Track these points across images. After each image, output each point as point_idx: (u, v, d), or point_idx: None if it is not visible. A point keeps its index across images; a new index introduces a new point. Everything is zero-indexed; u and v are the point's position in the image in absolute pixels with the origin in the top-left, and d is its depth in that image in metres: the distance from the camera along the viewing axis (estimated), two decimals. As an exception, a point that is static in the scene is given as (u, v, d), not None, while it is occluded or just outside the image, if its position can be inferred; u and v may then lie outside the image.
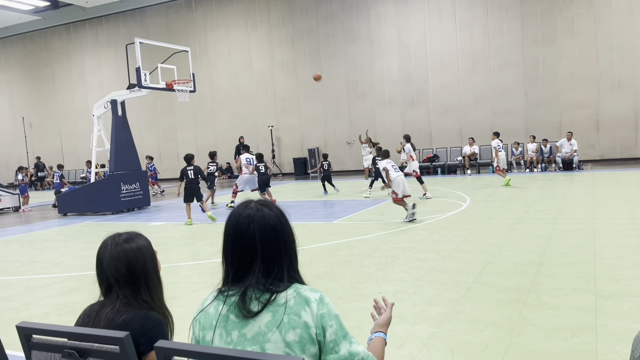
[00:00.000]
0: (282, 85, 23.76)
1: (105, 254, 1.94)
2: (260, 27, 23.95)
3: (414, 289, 5.26)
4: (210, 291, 1.76)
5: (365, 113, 22.22)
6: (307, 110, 23.37)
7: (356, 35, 22.09)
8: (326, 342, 1.59)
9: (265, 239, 1.67)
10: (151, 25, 25.99)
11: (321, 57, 22.81)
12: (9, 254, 8.90)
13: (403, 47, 21.39)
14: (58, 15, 27.89)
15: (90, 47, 27.91)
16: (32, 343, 1.67)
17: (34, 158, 28.41)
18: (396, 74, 21.58)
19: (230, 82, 24.83)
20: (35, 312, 5.32)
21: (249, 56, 24.32)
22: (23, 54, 30.04)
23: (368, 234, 8.47)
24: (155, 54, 15.95)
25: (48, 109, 29.53)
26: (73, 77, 28.64)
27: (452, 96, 20.80)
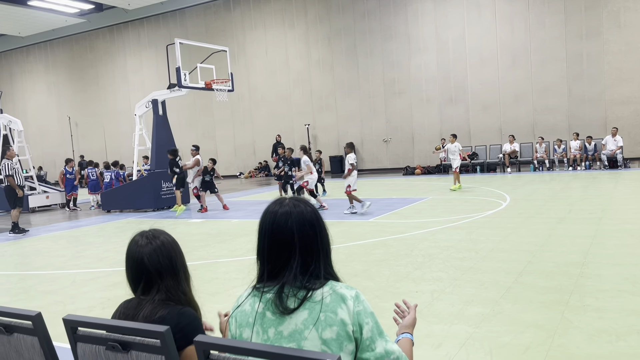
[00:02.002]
0: (318, 84, 23.81)
1: (144, 251, 1.97)
2: (297, 25, 24.05)
3: (451, 288, 5.19)
4: (247, 288, 1.78)
5: (402, 111, 22.03)
6: (344, 108, 23.34)
7: (393, 32, 21.91)
8: (363, 340, 1.59)
9: (304, 235, 1.67)
10: (190, 25, 26.47)
11: (358, 55, 22.73)
12: (56, 249, 9.25)
13: (441, 44, 21.09)
14: (102, 18, 28.74)
15: (132, 48, 28.65)
16: (78, 335, 1.73)
17: (78, 156, 29.40)
18: (434, 70, 21.30)
19: (267, 81, 25.04)
20: (81, 306, 5.51)
21: (286, 55, 24.47)
22: (69, 56, 31.10)
23: (405, 232, 8.40)
24: (195, 54, 16.25)
25: (92, 108, 30.49)
26: (116, 78, 29.47)
27: (491, 93, 20.38)
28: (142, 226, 11.17)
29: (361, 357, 1.61)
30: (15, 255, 9.04)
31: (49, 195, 17.01)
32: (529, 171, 18.30)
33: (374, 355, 1.60)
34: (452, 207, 10.98)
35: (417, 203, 11.93)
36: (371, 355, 1.60)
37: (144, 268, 1.97)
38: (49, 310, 5.45)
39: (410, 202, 12.16)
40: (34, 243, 10.09)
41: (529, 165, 18.68)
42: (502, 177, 17.23)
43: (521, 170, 18.69)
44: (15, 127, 17.26)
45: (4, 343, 1.86)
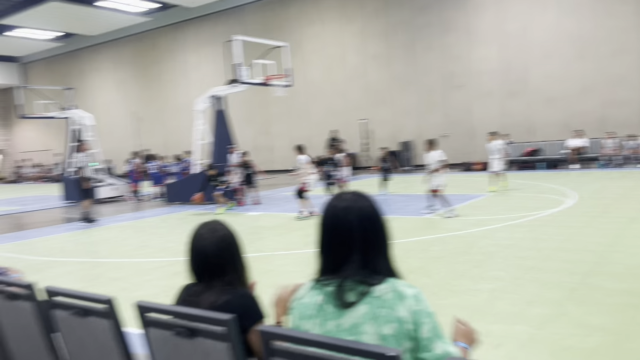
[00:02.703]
0: (375, 78, 23.64)
1: (206, 243, 2.06)
2: (355, 20, 23.96)
3: (512, 287, 5.05)
4: (304, 281, 1.81)
5: (461, 105, 21.52)
6: (400, 103, 23.07)
7: (453, 25, 21.41)
8: (421, 339, 1.58)
9: (364, 230, 1.67)
10: (249, 22, 26.93)
11: (416, 49, 22.38)
12: (123, 238, 9.70)
13: (503, 36, 20.40)
14: (165, 16, 29.73)
15: (192, 45, 29.48)
16: (148, 320, 1.82)
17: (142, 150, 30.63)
18: (495, 63, 20.65)
19: (324, 76, 25.12)
20: (145, 293, 5.75)
21: (343, 50, 24.43)
22: (134, 54, 32.39)
23: (463, 229, 8.23)
24: (253, 51, 16.49)
25: (155, 104, 31.66)
26: (177, 74, 30.44)
27: (556, 86, 19.53)
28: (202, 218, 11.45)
29: (419, 357, 1.60)
30: (86, 243, 9.56)
31: (116, 187, 17.82)
32: (596, 168, 17.45)
33: (433, 357, 1.58)
34: (513, 204, 10.64)
35: (476, 200, 11.65)
36: (429, 356, 1.58)
37: (205, 259, 2.05)
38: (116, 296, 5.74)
39: (469, 198, 11.88)
40: (103, 232, 10.63)
41: (596, 161, 17.80)
42: (566, 174, 16.53)
43: (588, 167, 17.85)
44: (87, 122, 18.17)
45: (80, 325, 1.98)
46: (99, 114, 33.35)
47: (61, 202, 17.51)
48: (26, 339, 2.22)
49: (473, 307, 4.55)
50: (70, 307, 2.01)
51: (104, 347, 1.95)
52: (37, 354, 2.21)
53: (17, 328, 2.25)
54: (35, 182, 35.10)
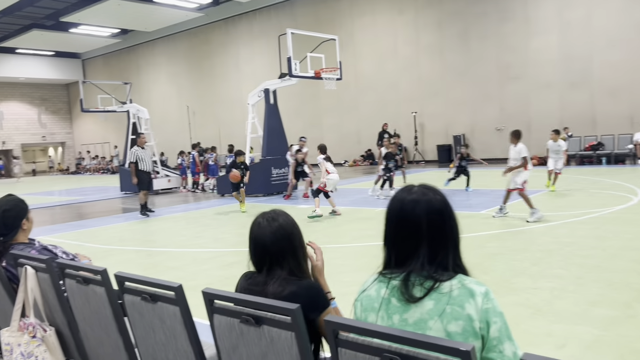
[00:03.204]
0: (427, 70, 23.22)
1: (266, 232, 2.08)
2: (407, 11, 23.59)
3: (574, 287, 4.85)
4: (355, 274, 1.80)
5: (518, 97, 20.82)
6: (454, 95, 22.57)
7: (510, 14, 20.71)
8: (490, 339, 1.54)
9: (432, 224, 1.64)
10: (300, 15, 27.01)
11: (470, 39, 21.81)
12: (177, 229, 9.97)
13: (564, 25, 19.56)
14: (218, 11, 30.28)
15: (245, 40, 29.89)
16: (215, 307, 1.84)
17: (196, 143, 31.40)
18: (555, 53, 19.83)
19: (375, 68, 24.90)
20: (201, 282, 5.89)
21: (395, 41, 24.13)
22: (188, 48, 33.19)
23: (520, 226, 7.98)
24: (304, 44, 16.55)
25: (208, 98, 32.35)
26: (229, 68, 30.96)
27: (621, 77, 18.55)
28: (254, 210, 11.67)
29: (487, 357, 1.55)
30: (143, 232, 9.89)
31: (170, 179, 18.35)
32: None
33: (502, 358, 1.53)
34: (574, 200, 10.22)
35: (534, 195, 11.25)
36: (499, 357, 1.53)
37: (266, 249, 2.06)
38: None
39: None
40: (159, 223, 10.97)
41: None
42: (632, 169, 15.72)
43: (654, 162, 16.92)
44: (143, 115, 18.78)
45: (149, 310, 2.04)
46: (153, 107, 34.46)
47: (119, 193, 18.21)
48: (97, 322, 2.30)
49: (533, 305, 4.40)
50: (139, 292, 2.07)
51: (171, 332, 1.99)
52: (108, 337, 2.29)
53: (89, 311, 2.34)
54: (94, 174, 36.69)
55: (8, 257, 2.90)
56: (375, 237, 7.67)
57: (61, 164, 43.97)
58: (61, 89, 43.92)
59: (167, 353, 2.06)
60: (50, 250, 2.98)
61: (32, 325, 2.61)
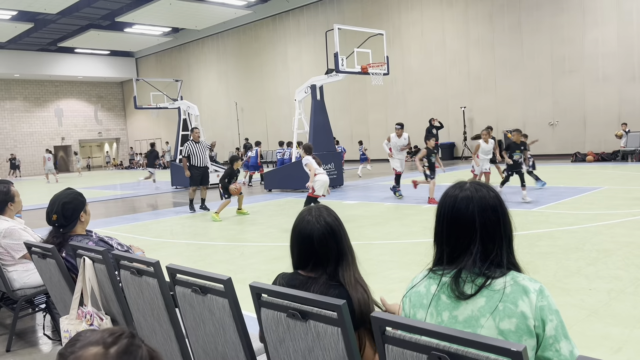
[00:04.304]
0: (477, 64, 22.68)
1: (313, 229, 1.99)
2: (456, 3, 23.10)
3: (633, 288, 4.63)
4: (402, 271, 1.78)
5: (573, 91, 20.04)
6: (504, 90, 21.96)
7: (565, 5, 19.93)
8: (545, 337, 1.50)
9: (485, 221, 1.62)
10: (347, 11, 26.93)
11: (522, 32, 21.14)
12: (226, 224, 10.17)
13: (624, 14, 18.64)
14: (266, 8, 30.59)
15: (292, 36, 30.08)
16: (262, 301, 1.87)
17: (243, 139, 31.91)
18: (614, 45, 18.94)
19: (422, 63, 24.54)
20: (249, 275, 5.99)
21: (443, 35, 23.69)
22: (237, 45, 33.72)
23: (575, 224, 7.69)
24: (350, 39, 16.50)
25: (256, 94, 32.78)
26: (277, 65, 31.24)
27: (686, 68, 17.54)
28: (299, 205, 11.76)
29: (543, 356, 1.52)
30: (193, 226, 10.14)
31: (219, 174, 18.71)
32: None
33: (559, 356, 1.50)
34: (633, 198, 9.76)
35: (589, 193, 10.82)
36: (555, 355, 1.50)
37: (312, 248, 1.99)
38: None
39: (581, 191, 11.08)
40: (207, 217, 11.21)
41: None
42: (696, 166, 14.87)
43: None
44: (193, 112, 19.23)
45: (199, 302, 2.09)
46: (203, 104, 35.28)
47: (170, 188, 18.73)
48: (150, 312, 2.38)
49: (589, 307, 4.23)
50: (190, 284, 2.12)
51: (220, 323, 2.03)
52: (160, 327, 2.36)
53: (142, 302, 2.42)
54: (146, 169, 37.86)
55: (67, 248, 3.04)
56: (418, 233, 7.57)
57: (115, 159, 45.67)
58: (116, 87, 45.56)
59: (216, 344, 2.11)
60: (107, 242, 3.10)
61: (89, 313, 2.73)
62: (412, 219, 9.18)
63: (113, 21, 31.05)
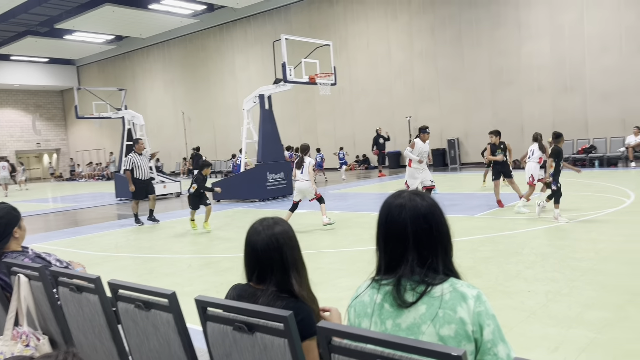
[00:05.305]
0: (421, 75, 23.33)
1: (258, 240, 1.98)
2: (400, 16, 23.71)
3: (568, 290, 4.87)
4: (351, 279, 1.80)
5: (510, 101, 20.93)
6: (447, 100, 22.67)
7: (502, 19, 20.85)
8: (483, 342, 1.54)
9: (417, 228, 1.64)
10: (294, 21, 27.10)
11: (463, 45, 21.94)
12: (174, 235, 9.95)
13: (556, 29, 19.70)
14: (213, 17, 30.33)
15: (240, 46, 29.94)
16: (207, 315, 1.85)
17: (191, 149, 31.38)
18: (547, 58, 19.97)
19: (368, 73, 24.99)
20: (197, 288, 5.88)
21: (388, 47, 24.23)
22: (183, 55, 33.21)
23: (515, 229, 8.01)
24: (298, 49, 16.60)
25: (203, 104, 32.35)
26: (225, 74, 30.99)
27: (613, 81, 18.69)
28: (248, 216, 11.66)
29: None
30: (138, 239, 9.86)
31: (166, 184, 18.31)
32: (657, 166, 16.62)
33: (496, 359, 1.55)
34: (568, 204, 10.26)
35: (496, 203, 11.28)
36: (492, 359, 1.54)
37: (257, 258, 1.98)
38: (169, 291, 5.90)
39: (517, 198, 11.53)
40: (154, 229, 10.93)
41: (656, 159, 16.98)
42: (624, 172, 15.81)
43: (647, 165, 17.03)
44: (138, 121, 18.75)
45: (143, 318, 2.04)
46: (148, 114, 34.46)
47: (115, 200, 18.16)
48: (91, 330, 2.30)
49: (528, 309, 4.41)
50: (133, 300, 2.07)
51: (165, 339, 1.99)
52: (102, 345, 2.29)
53: (83, 319, 2.34)
54: (89, 180, 36.55)
55: (1, 265, 2.89)
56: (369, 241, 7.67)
57: (56, 171, 43.82)
58: (56, 96, 43.83)
59: (161, 360, 2.06)
60: (44, 258, 2.97)
61: (25, 334, 2.60)
62: (362, 226, 9.29)
63: (52, 28, 29.90)
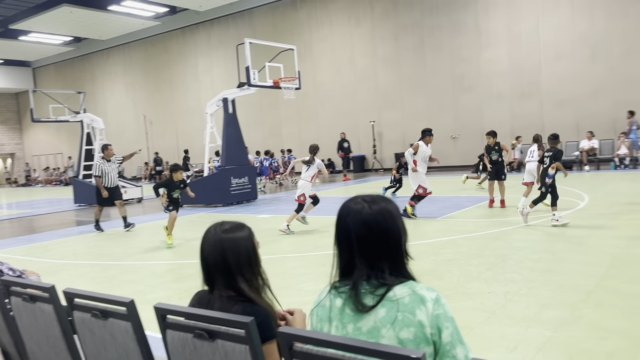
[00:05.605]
0: (384, 80, 23.61)
1: (206, 243, 1.97)
2: (364, 22, 23.96)
3: (526, 290, 5.01)
4: (316, 283, 1.81)
5: (471, 106, 21.43)
6: (410, 105, 23.02)
7: (463, 26, 21.34)
8: (442, 344, 1.56)
9: (359, 234, 1.65)
10: (259, 25, 27.02)
11: (425, 51, 22.33)
12: (136, 242, 9.74)
13: (513, 37, 20.30)
14: (175, 20, 29.92)
15: (203, 49, 29.63)
16: (167, 323, 1.82)
17: (153, 153, 30.82)
18: (505, 65, 20.55)
19: (333, 78, 25.13)
20: (159, 295, 5.77)
21: (352, 52, 24.44)
22: (145, 58, 32.62)
23: (475, 232, 8.19)
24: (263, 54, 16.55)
25: (166, 107, 31.84)
26: (188, 78, 30.60)
27: (568, 87, 19.39)
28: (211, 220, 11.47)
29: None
30: (98, 246, 9.61)
31: (127, 190, 17.91)
32: (609, 169, 17.28)
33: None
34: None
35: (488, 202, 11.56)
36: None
37: (205, 262, 1.96)
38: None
39: (480, 200, 11.82)
40: (114, 235, 10.68)
41: (609, 163, 17.66)
42: (579, 175, 16.38)
43: (600, 169, 17.69)
44: (97, 125, 18.30)
45: (100, 327, 1.99)
46: (109, 117, 33.70)
47: (73, 205, 17.65)
48: (46, 340, 2.23)
49: (488, 309, 4.51)
50: (89, 309, 2.02)
51: (123, 348, 1.95)
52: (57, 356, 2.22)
53: (37, 330, 2.26)
54: (45, 186, 35.40)
55: (-50, 275, 2.77)
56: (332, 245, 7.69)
57: (11, 176, 42.28)
58: (10, 99, 42.33)
59: (120, 370, 2.02)
60: (-4, 268, 2.86)
61: (-24, 346, 2.50)
62: (326, 231, 9.31)
63: (6, 28, 28.89)
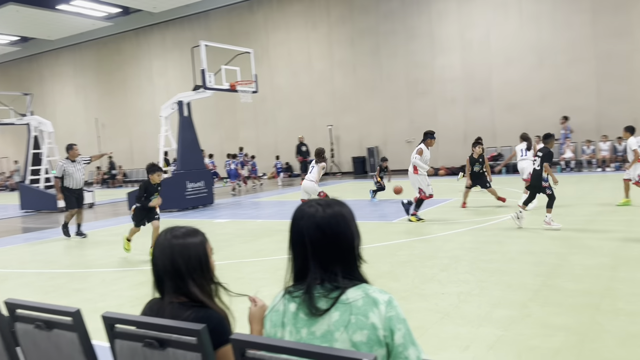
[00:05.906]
0: (341, 84, 23.80)
1: (156, 247, 1.94)
2: (320, 27, 24.09)
3: (478, 290, 5.14)
4: (274, 287, 1.80)
5: (426, 111, 21.88)
6: (366, 109, 23.29)
7: (417, 32, 21.79)
8: (395, 346, 1.58)
9: (312, 238, 1.66)
10: (215, 28, 26.73)
11: (381, 56, 22.66)
12: (87, 248, 9.43)
13: (466, 44, 20.88)
14: (128, 21, 29.23)
15: (157, 51, 29.06)
16: (116, 332, 1.77)
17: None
18: (458, 71, 21.10)
19: (290, 82, 25.14)
20: (111, 304, 5.61)
21: (309, 56, 24.53)
22: (97, 59, 31.69)
23: (430, 234, 8.35)
24: (219, 56, 16.37)
25: (119, 110, 31.02)
26: (142, 80, 29.93)
27: (517, 93, 20.09)
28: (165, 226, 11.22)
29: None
30: (46, 253, 9.25)
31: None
32: (556, 172, 17.98)
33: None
34: (477, 208, 10.86)
35: (441, 204, 11.83)
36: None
37: (161, 267, 1.92)
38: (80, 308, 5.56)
39: (434, 203, 12.06)
40: (63, 242, 10.30)
41: (556, 166, 18.37)
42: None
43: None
44: (45, 128, 17.64)
45: (44, 339, 1.91)
46: (58, 120, 32.53)
47: (19, 212, 16.92)
48: (-15, 354, 2.12)
49: (442, 310, 4.61)
50: (33, 320, 1.94)
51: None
52: (-2, 370, 2.12)
53: (-24, 343, 2.15)
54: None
55: None
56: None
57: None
58: (-49, 100, 40.25)
59: (66, 383, 1.94)
60: None
61: None
62: (283, 234, 9.27)
63: (-54, 26, 27.55)
